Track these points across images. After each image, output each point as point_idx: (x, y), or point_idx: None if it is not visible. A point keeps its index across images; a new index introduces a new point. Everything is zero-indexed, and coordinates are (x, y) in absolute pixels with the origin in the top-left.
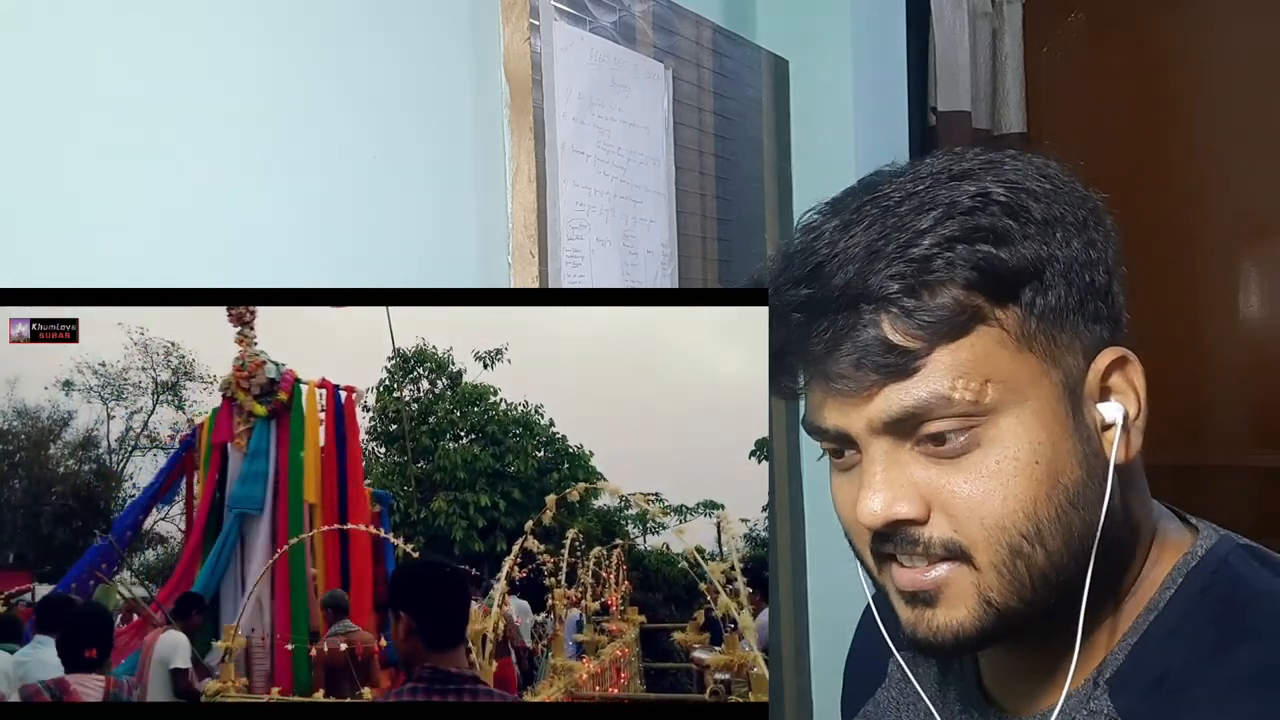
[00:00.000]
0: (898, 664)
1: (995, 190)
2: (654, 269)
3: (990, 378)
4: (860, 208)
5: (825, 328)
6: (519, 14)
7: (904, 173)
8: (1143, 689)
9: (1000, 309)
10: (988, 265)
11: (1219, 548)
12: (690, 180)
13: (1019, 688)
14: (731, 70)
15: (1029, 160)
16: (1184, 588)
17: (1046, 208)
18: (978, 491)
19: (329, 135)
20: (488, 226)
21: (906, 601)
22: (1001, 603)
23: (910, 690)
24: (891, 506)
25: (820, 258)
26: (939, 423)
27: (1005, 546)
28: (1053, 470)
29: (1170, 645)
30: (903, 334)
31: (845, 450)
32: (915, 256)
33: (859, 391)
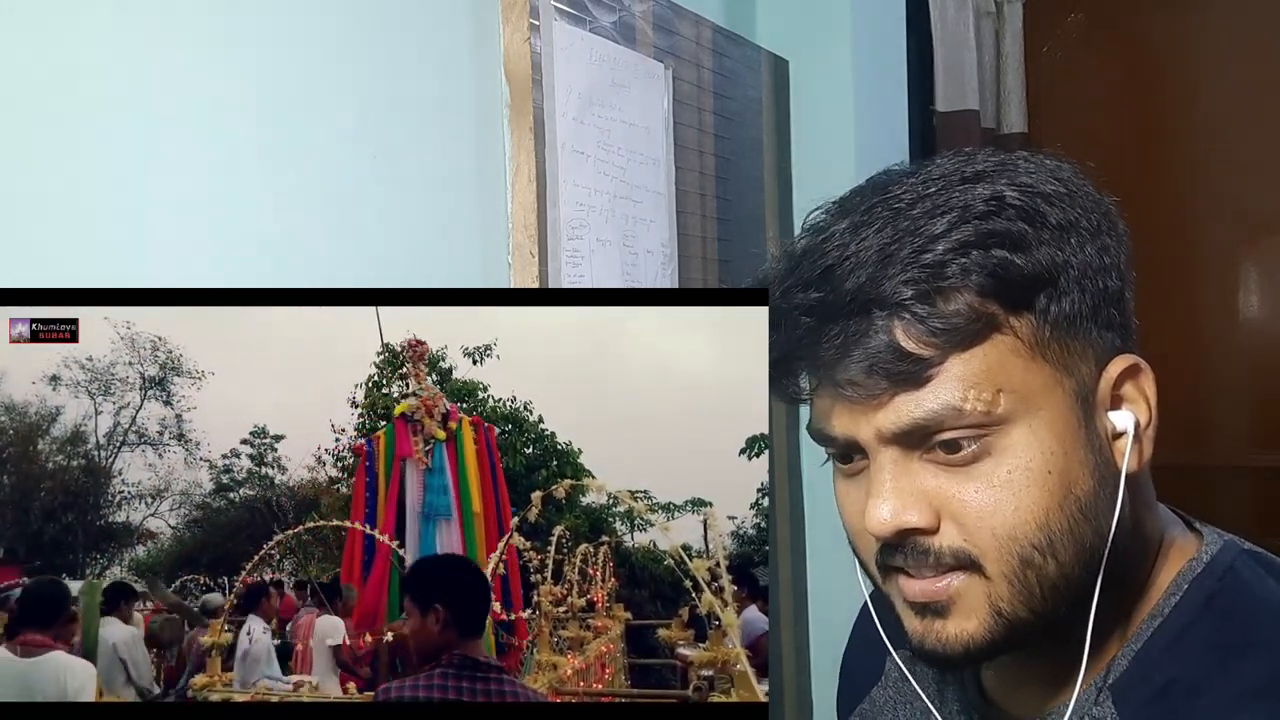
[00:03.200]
0: (894, 663)
1: (1009, 194)
2: (654, 269)
3: (1003, 387)
4: (870, 209)
5: (836, 333)
6: (519, 14)
7: (914, 173)
8: (1147, 697)
9: (1014, 316)
10: (1003, 271)
11: (1223, 555)
12: (690, 180)
13: (1020, 690)
14: (731, 70)
15: (1041, 162)
16: (1189, 595)
17: (1061, 212)
18: (989, 501)
19: (329, 135)
20: (488, 226)
21: (916, 612)
22: (1012, 613)
23: (907, 689)
24: (901, 515)
25: (830, 260)
26: (950, 432)
27: (1016, 557)
28: (1065, 480)
29: (1175, 654)
30: (916, 341)
31: (852, 456)
32: (929, 262)
33: (869, 399)
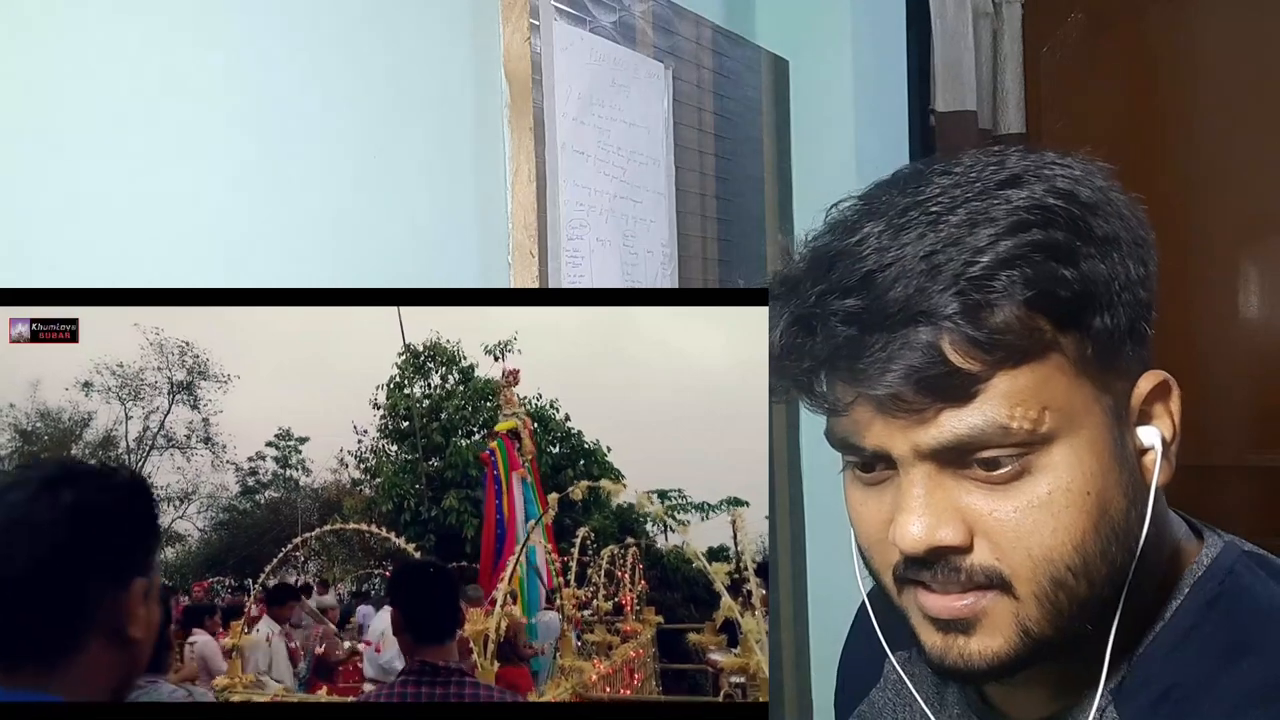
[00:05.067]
0: (893, 665)
1: (1053, 203)
2: (654, 269)
3: (1048, 405)
4: (904, 211)
5: (879, 344)
6: (519, 14)
7: (946, 171)
8: (1149, 701)
9: (1062, 333)
10: (1054, 286)
11: (1224, 557)
12: (690, 180)
13: (1022, 695)
14: (731, 70)
15: (1075, 164)
16: (1190, 599)
17: (1105, 223)
18: (1027, 521)
19: (329, 135)
20: (488, 226)
21: (937, 628)
22: (1039, 633)
23: (906, 692)
24: (935, 533)
25: (869, 266)
26: (991, 450)
27: (1049, 578)
28: (1102, 501)
29: (1177, 658)
30: (964, 356)
31: (875, 465)
32: (977, 274)
33: (911, 414)
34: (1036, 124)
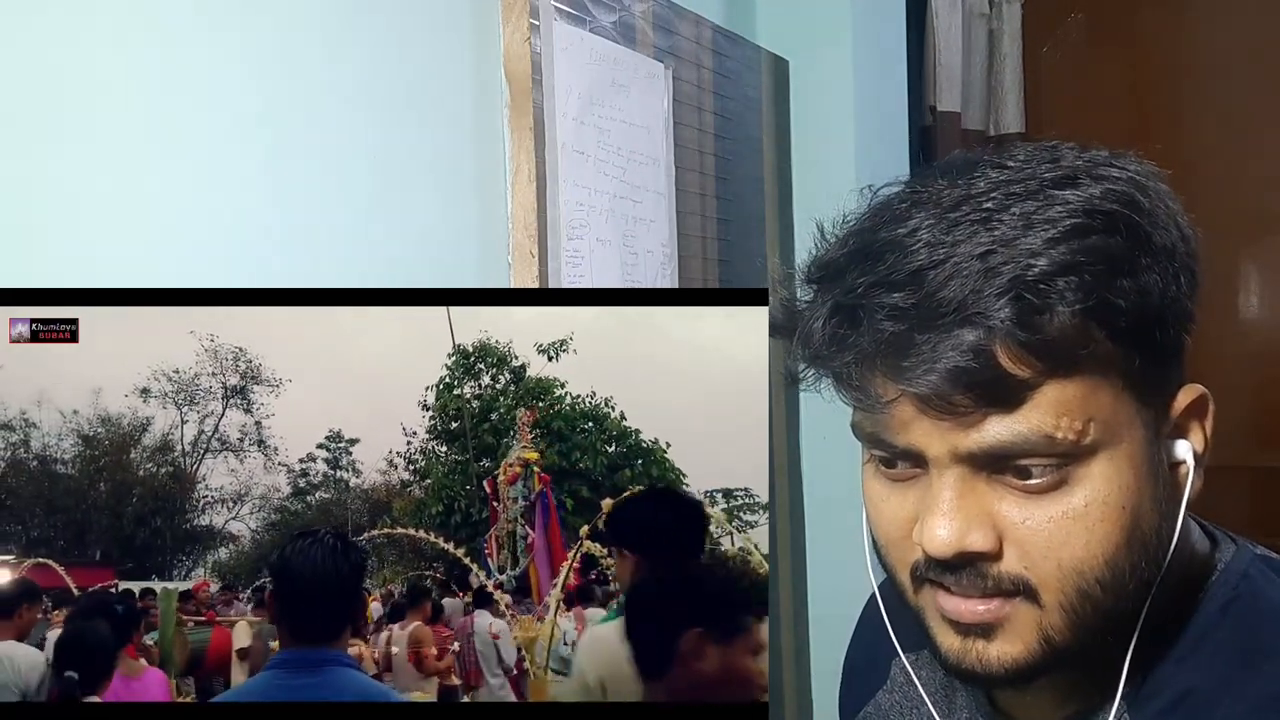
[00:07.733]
0: (901, 667)
1: (1114, 208)
2: (654, 269)
3: (1094, 417)
4: (958, 205)
5: (928, 343)
6: (519, 14)
7: (997, 164)
8: (1164, 706)
9: (1113, 344)
10: (1111, 295)
11: (1237, 561)
12: (690, 180)
13: (1032, 700)
14: (731, 70)
15: (1127, 164)
16: (1205, 603)
17: (1163, 234)
18: (1060, 532)
19: (329, 135)
20: (488, 226)
21: (957, 631)
22: (1061, 641)
23: (913, 695)
24: (964, 537)
25: (920, 261)
26: (1032, 459)
27: (1075, 590)
28: (1136, 515)
29: (1193, 663)
30: (1015, 361)
31: (899, 462)
32: (1035, 279)
33: (957, 415)
34: (1036, 124)
